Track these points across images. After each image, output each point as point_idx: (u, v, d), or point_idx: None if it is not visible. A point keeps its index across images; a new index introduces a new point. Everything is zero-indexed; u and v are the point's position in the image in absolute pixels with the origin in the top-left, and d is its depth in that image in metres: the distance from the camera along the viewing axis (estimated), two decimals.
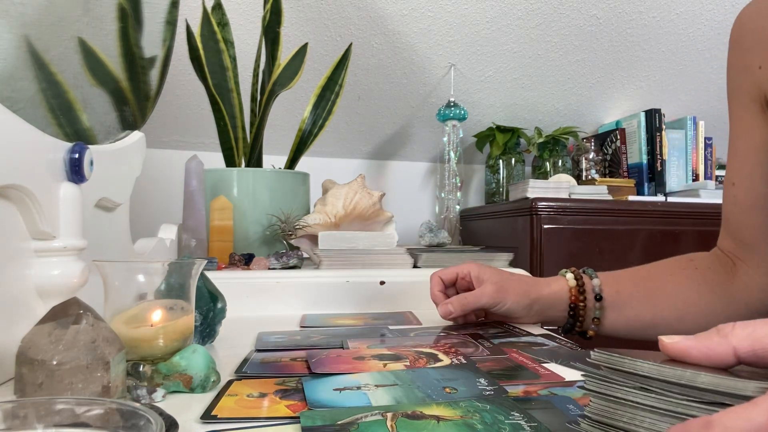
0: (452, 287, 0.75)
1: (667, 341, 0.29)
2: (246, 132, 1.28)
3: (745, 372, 0.27)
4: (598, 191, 1.69)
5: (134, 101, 0.85)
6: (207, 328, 0.62)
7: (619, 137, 1.91)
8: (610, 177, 1.92)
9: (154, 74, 0.90)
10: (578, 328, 0.70)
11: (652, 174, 1.88)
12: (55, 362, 0.39)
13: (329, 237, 1.05)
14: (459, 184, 1.82)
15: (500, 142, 1.86)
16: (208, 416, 0.40)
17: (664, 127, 1.87)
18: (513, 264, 1.05)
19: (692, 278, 0.67)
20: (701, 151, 1.92)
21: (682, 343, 0.28)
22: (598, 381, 0.30)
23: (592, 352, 0.31)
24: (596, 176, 1.87)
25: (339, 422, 0.37)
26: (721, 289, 0.66)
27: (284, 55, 1.27)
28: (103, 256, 0.59)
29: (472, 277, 0.70)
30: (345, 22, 1.57)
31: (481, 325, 0.73)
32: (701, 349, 0.27)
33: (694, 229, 1.58)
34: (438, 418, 0.38)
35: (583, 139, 1.93)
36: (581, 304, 0.68)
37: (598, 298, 0.68)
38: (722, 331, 0.27)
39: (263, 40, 1.25)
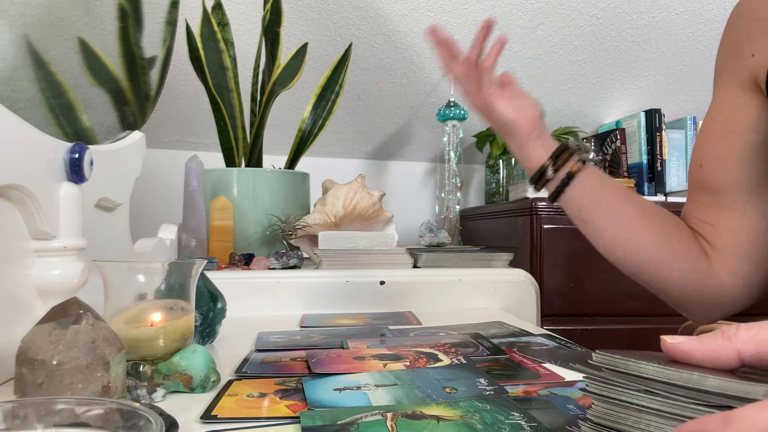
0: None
1: (670, 341, 0.28)
2: (246, 132, 1.28)
3: (747, 374, 0.27)
4: None
5: (134, 101, 0.85)
6: (207, 328, 0.62)
7: (619, 137, 1.91)
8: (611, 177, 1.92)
9: (154, 74, 0.90)
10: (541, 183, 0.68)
11: (652, 174, 1.87)
12: (55, 362, 0.39)
13: (329, 237, 1.05)
14: (459, 184, 1.82)
15: (500, 142, 1.86)
16: (208, 416, 0.40)
17: (664, 127, 1.87)
18: (513, 264, 1.05)
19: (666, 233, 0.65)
20: None
21: (685, 344, 0.28)
22: (601, 383, 0.30)
23: (593, 354, 0.31)
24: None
25: (339, 422, 0.37)
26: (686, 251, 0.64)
27: (284, 55, 1.27)
28: (103, 256, 0.59)
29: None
30: (345, 22, 1.57)
31: None
32: (704, 350, 0.27)
33: None
34: (438, 418, 0.38)
35: (583, 139, 1.93)
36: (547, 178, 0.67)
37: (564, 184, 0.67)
38: (726, 333, 0.27)
39: (263, 40, 1.25)
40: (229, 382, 0.48)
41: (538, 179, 0.68)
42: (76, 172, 0.57)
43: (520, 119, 0.66)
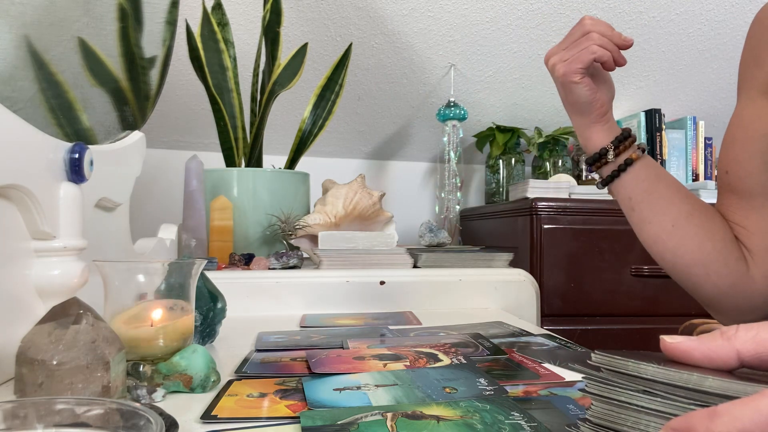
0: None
1: (669, 341, 0.28)
2: (246, 132, 1.28)
3: (746, 375, 0.27)
4: (598, 191, 1.69)
5: (134, 101, 0.85)
6: (207, 328, 0.62)
7: None
8: None
9: (154, 74, 0.90)
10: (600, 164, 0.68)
11: None
12: (55, 362, 0.39)
13: (329, 237, 1.05)
14: (459, 184, 1.82)
15: (500, 142, 1.86)
16: (208, 416, 0.40)
17: (664, 127, 1.87)
18: (513, 264, 1.05)
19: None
20: (701, 151, 1.92)
21: (684, 344, 0.28)
22: (600, 384, 0.30)
23: (592, 354, 0.31)
24: (596, 176, 1.87)
25: (339, 422, 0.37)
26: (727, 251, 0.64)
27: (284, 55, 1.27)
28: (103, 256, 0.59)
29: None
30: (345, 22, 1.57)
31: None
32: (704, 351, 0.27)
33: None
34: (438, 418, 0.38)
35: None
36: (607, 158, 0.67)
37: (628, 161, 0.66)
38: (726, 333, 0.27)
39: (263, 40, 1.25)
40: (229, 382, 0.48)
41: (596, 161, 0.68)
42: (76, 172, 0.57)
43: (595, 102, 0.66)
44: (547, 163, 1.88)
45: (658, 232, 0.66)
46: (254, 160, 1.28)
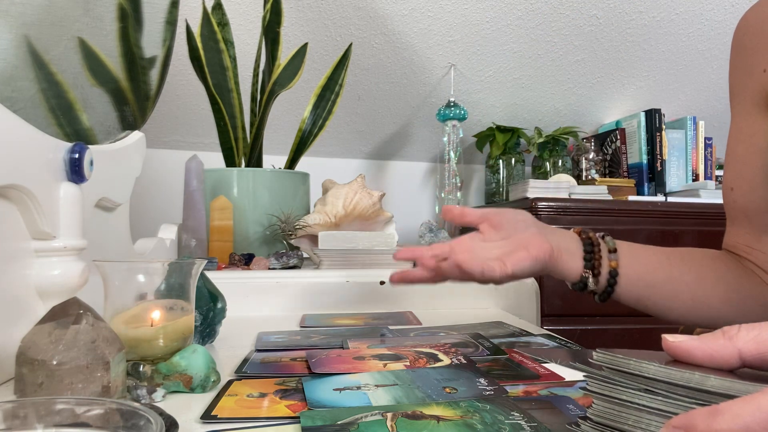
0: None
1: (671, 340, 0.28)
2: (246, 132, 1.28)
3: (747, 374, 0.27)
4: (598, 191, 1.69)
5: (134, 101, 0.85)
6: (207, 328, 0.62)
7: (619, 137, 1.91)
8: (610, 177, 1.92)
9: (154, 74, 0.90)
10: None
11: (652, 174, 1.88)
12: (55, 362, 0.39)
13: (329, 237, 1.05)
14: (459, 184, 1.82)
15: (500, 142, 1.86)
16: (208, 416, 0.40)
17: (664, 127, 1.87)
18: None
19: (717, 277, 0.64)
20: (701, 151, 1.92)
21: (686, 343, 0.28)
22: (601, 382, 0.30)
23: (594, 353, 0.31)
24: (596, 176, 1.87)
25: (339, 422, 0.37)
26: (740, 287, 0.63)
27: (284, 55, 1.27)
28: (103, 256, 0.59)
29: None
30: (345, 22, 1.57)
31: None
32: (705, 350, 0.27)
33: (694, 229, 1.58)
34: (438, 418, 0.38)
35: (583, 139, 1.93)
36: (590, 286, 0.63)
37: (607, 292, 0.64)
38: (728, 333, 0.27)
39: (263, 40, 1.25)
40: (229, 382, 0.48)
41: (583, 289, 0.64)
42: (76, 172, 0.57)
43: (537, 257, 0.59)
44: (547, 163, 1.88)
45: (683, 312, 0.64)
46: (254, 160, 1.28)
